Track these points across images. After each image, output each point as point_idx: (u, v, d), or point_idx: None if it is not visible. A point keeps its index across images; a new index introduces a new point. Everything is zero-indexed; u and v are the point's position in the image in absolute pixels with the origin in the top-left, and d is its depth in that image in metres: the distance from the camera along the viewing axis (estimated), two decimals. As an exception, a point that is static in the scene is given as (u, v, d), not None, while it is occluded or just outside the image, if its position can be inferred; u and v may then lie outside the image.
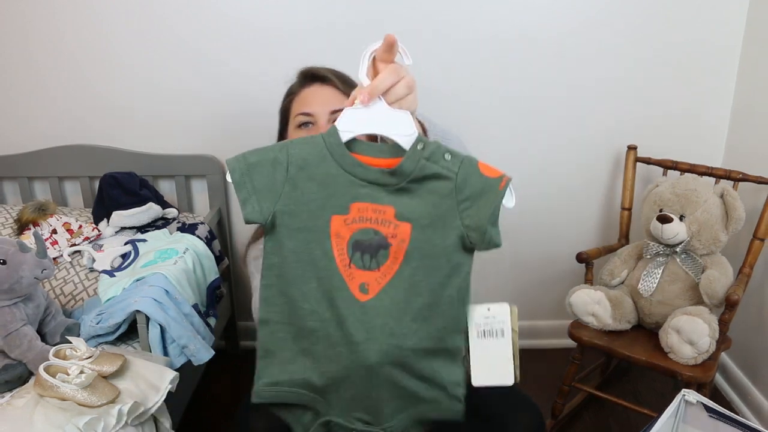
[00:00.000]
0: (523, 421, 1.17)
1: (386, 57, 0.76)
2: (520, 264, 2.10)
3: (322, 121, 1.16)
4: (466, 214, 0.74)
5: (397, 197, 0.75)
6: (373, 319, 0.73)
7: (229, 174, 0.78)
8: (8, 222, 1.75)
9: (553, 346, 2.17)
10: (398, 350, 0.73)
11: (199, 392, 1.74)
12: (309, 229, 0.75)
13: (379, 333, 0.73)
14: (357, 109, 0.75)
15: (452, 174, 0.74)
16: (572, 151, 1.95)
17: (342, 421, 0.76)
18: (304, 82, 1.25)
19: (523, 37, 1.82)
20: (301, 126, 1.20)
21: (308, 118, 1.18)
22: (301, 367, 0.78)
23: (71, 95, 1.87)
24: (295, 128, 1.22)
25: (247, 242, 1.32)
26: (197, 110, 1.88)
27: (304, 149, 0.76)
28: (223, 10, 1.78)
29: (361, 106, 0.74)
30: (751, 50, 1.80)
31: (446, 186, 0.74)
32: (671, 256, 1.61)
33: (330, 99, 1.18)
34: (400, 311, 0.74)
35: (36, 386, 1.10)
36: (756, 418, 1.78)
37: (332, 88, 1.21)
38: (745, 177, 1.64)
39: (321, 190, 0.75)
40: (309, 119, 1.18)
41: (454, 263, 0.74)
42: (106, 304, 1.43)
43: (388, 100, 0.75)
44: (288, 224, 0.76)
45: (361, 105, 0.74)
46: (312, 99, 1.20)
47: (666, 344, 1.50)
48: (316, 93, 1.21)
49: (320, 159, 0.76)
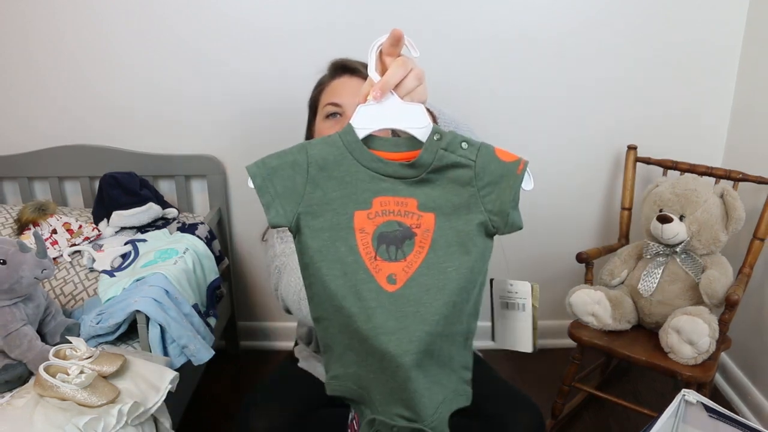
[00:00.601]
0: (523, 421, 1.17)
1: (393, 51, 0.77)
2: (520, 264, 2.10)
3: (349, 112, 1.15)
4: (487, 200, 0.75)
5: (418, 188, 0.76)
6: (403, 307, 0.74)
7: (251, 180, 0.78)
8: (8, 222, 1.75)
9: (553, 346, 2.17)
10: (429, 337, 0.74)
11: (199, 392, 1.74)
12: (333, 228, 0.76)
13: (411, 321, 0.74)
14: (370, 105, 0.76)
15: (470, 162, 0.75)
16: (572, 151, 1.95)
17: (385, 418, 0.76)
18: (334, 74, 1.27)
19: (523, 37, 1.82)
20: (329, 116, 1.21)
21: (336, 109, 1.20)
22: (349, 360, 0.79)
23: (71, 95, 1.87)
24: (323, 118, 1.23)
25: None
26: (197, 110, 1.88)
27: (323, 149, 0.77)
28: (223, 10, 1.78)
29: (374, 102, 0.76)
30: (751, 50, 1.80)
31: (466, 174, 0.75)
32: (671, 256, 1.61)
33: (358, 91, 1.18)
34: (429, 298, 0.74)
35: (36, 386, 1.10)
36: (756, 418, 1.78)
37: (361, 79, 1.20)
38: (745, 177, 1.64)
39: (342, 187, 0.77)
40: (337, 110, 1.20)
41: (479, 249, 0.76)
42: (106, 304, 1.43)
43: (400, 94, 0.76)
44: (312, 225, 0.77)
45: (373, 101, 0.76)
46: (341, 90, 1.21)
47: (666, 344, 1.50)
48: (345, 84, 1.22)
49: (339, 157, 0.77)
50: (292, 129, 1.87)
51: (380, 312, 0.74)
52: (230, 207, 2.01)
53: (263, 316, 2.18)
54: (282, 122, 1.89)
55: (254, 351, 2.18)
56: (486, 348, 2.03)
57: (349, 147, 0.77)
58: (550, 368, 2.03)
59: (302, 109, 1.61)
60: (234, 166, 1.95)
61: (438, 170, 0.76)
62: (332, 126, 1.19)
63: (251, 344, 2.19)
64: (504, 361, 2.10)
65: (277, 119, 1.89)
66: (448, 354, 0.77)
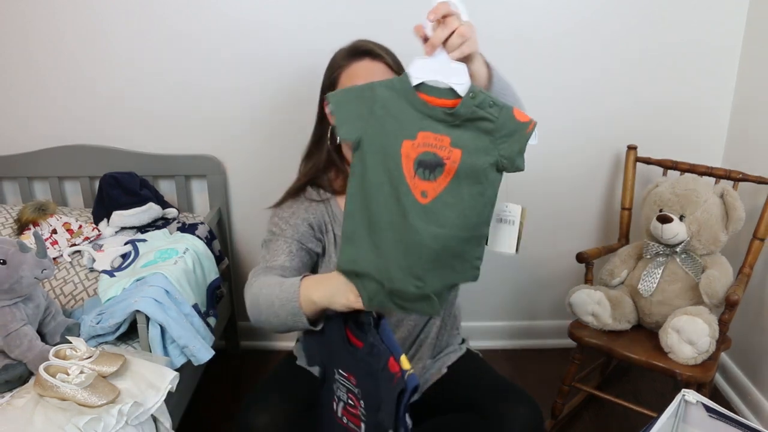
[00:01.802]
0: (521, 415, 1.18)
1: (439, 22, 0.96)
2: (520, 264, 2.10)
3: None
4: (502, 147, 0.99)
5: (452, 130, 0.99)
6: (430, 215, 0.99)
7: (329, 103, 1.00)
8: (8, 222, 1.75)
9: (553, 346, 2.17)
10: (446, 236, 0.98)
11: (199, 392, 1.74)
12: (386, 150, 0.99)
13: (434, 224, 0.98)
14: (424, 59, 0.98)
15: (494, 118, 0.98)
16: (572, 151, 1.95)
17: (401, 286, 0.98)
18: (354, 55, 1.27)
19: (520, 37, 1.81)
20: None
21: None
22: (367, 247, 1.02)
23: (71, 95, 1.87)
24: None
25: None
26: (197, 110, 1.88)
27: (384, 92, 1.00)
28: (223, 10, 1.78)
29: (427, 57, 0.97)
30: (751, 50, 1.80)
31: (489, 126, 0.99)
32: (671, 256, 1.61)
33: (381, 74, 1.24)
34: (450, 210, 0.99)
35: (36, 386, 1.10)
36: (756, 417, 1.78)
37: (382, 64, 1.26)
38: (745, 177, 1.64)
39: (396, 122, 0.99)
40: None
41: (490, 180, 1.00)
42: (106, 304, 1.43)
43: (448, 50, 0.96)
44: (371, 144, 1.00)
45: (426, 56, 0.98)
46: (364, 73, 1.25)
47: (666, 344, 1.50)
48: (367, 68, 1.26)
49: (396, 98, 1.00)
50: (292, 129, 1.88)
51: (413, 215, 0.98)
52: (230, 207, 2.01)
53: (263, 316, 2.18)
54: (282, 122, 1.89)
55: (254, 351, 2.18)
56: (486, 348, 2.04)
57: (404, 92, 0.99)
58: (550, 368, 2.03)
59: (302, 109, 1.62)
60: (234, 166, 1.95)
61: (469, 120, 0.98)
62: None
63: (251, 344, 2.19)
64: (504, 361, 2.10)
65: (277, 119, 1.89)
66: (462, 250, 1.01)
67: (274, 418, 1.16)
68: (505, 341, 2.21)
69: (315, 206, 1.33)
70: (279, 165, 1.78)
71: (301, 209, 1.32)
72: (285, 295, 1.10)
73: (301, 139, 1.40)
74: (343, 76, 1.27)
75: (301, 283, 1.10)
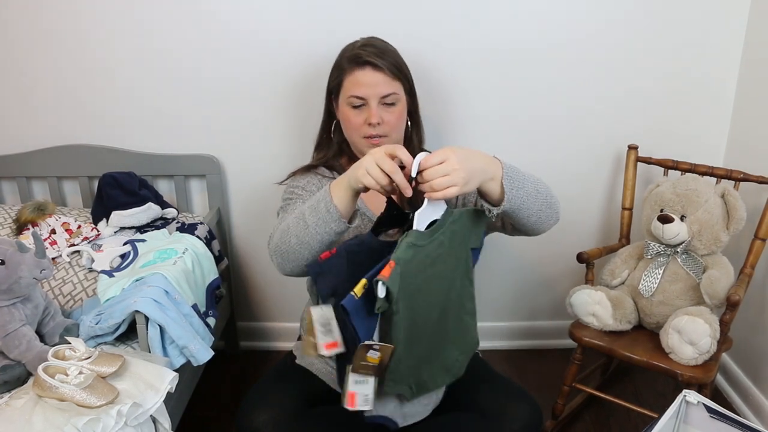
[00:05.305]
0: (520, 413, 1.19)
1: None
2: (520, 264, 2.10)
3: (373, 104, 1.33)
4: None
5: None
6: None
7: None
8: (7, 222, 1.75)
9: (553, 347, 2.17)
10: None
11: (198, 392, 1.73)
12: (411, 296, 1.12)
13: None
14: (419, 211, 1.09)
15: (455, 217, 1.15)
16: (573, 151, 1.94)
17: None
18: (358, 62, 1.35)
19: (521, 38, 1.81)
20: (355, 107, 1.36)
21: (361, 101, 1.35)
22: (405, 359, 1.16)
23: (70, 95, 1.86)
24: (350, 107, 1.37)
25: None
26: (196, 110, 1.88)
27: (406, 252, 1.09)
28: (223, 10, 1.77)
29: (419, 209, 1.09)
30: (752, 50, 1.80)
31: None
32: (672, 256, 1.61)
33: (381, 85, 1.34)
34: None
35: (35, 387, 1.10)
36: (757, 418, 1.78)
37: (383, 74, 1.34)
38: (746, 177, 1.64)
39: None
40: (362, 102, 1.35)
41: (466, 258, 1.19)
42: (106, 305, 1.43)
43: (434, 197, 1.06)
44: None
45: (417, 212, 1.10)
46: (366, 82, 1.34)
47: (667, 345, 1.49)
48: (368, 77, 1.34)
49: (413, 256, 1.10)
50: (291, 129, 1.88)
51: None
52: (229, 207, 2.01)
53: (263, 317, 2.18)
54: (282, 122, 1.89)
55: (254, 351, 2.18)
56: (486, 348, 2.04)
57: (413, 249, 1.09)
58: (551, 369, 2.03)
59: (302, 108, 1.62)
60: (233, 166, 1.95)
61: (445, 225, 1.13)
62: (358, 114, 1.35)
63: (251, 344, 2.19)
64: (504, 362, 2.10)
65: (276, 119, 1.88)
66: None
67: (273, 417, 1.17)
68: (506, 341, 2.20)
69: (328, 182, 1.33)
70: (279, 165, 1.78)
71: (314, 180, 1.41)
72: (314, 199, 1.17)
73: (300, 138, 1.40)
74: (346, 81, 1.36)
75: (329, 185, 1.16)
